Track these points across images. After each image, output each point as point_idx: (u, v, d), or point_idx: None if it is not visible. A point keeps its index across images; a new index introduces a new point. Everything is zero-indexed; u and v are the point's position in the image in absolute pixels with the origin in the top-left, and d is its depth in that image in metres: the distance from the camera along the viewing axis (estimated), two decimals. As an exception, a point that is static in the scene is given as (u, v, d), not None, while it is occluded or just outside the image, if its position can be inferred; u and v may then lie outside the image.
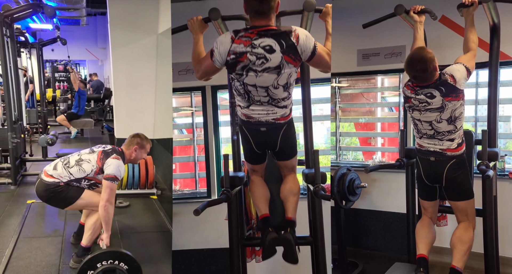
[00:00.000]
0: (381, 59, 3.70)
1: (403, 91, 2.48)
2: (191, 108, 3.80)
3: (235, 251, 2.52)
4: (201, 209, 2.10)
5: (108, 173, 2.88)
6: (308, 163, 2.48)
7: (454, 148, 2.43)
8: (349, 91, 4.21)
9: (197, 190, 3.84)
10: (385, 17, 2.77)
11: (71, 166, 2.97)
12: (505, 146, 3.72)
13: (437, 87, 2.32)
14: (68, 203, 2.97)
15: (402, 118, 3.82)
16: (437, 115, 2.36)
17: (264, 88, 2.14)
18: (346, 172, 3.45)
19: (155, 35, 5.91)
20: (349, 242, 3.72)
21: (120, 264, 2.54)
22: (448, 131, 2.39)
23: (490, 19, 2.51)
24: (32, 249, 3.40)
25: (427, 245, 2.59)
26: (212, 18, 2.25)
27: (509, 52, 3.13)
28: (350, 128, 4.36)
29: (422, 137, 2.49)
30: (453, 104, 2.33)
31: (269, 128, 2.25)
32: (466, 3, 2.42)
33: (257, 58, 2.08)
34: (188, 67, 3.47)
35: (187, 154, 3.87)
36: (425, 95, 2.35)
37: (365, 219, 3.98)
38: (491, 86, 2.63)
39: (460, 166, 2.46)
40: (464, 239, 2.52)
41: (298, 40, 2.07)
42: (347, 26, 3.68)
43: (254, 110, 2.22)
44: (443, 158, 2.44)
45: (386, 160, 4.10)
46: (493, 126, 2.64)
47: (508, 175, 3.30)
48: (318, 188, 2.29)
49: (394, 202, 3.68)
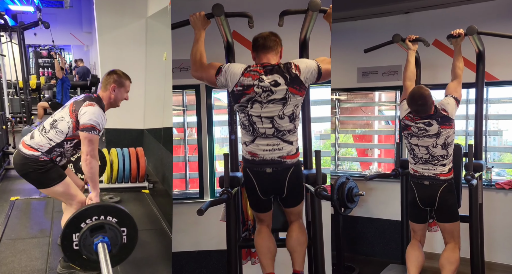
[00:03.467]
0: (379, 76, 3.98)
1: (402, 121, 2.74)
2: (182, 107, 3.61)
3: (233, 253, 2.41)
4: (204, 209, 2.00)
5: (83, 123, 2.51)
6: (307, 164, 2.41)
7: (446, 173, 2.67)
8: (349, 105, 4.45)
9: (188, 190, 3.66)
10: (384, 44, 3.08)
11: (48, 130, 2.62)
12: (500, 159, 3.90)
13: (434, 118, 2.61)
14: (44, 185, 2.64)
15: (398, 131, 4.04)
16: (434, 140, 2.63)
17: (269, 119, 2.13)
18: (345, 181, 3.61)
19: (144, 18, 5.53)
20: (347, 247, 3.87)
21: (107, 218, 2.24)
22: (442, 156, 2.64)
23: (475, 47, 2.81)
24: (16, 252, 3.12)
25: (418, 268, 2.79)
26: (215, 14, 2.17)
27: (495, 73, 3.43)
28: (346, 139, 4.56)
29: (417, 163, 2.72)
30: (447, 131, 2.61)
31: (275, 170, 2.17)
32: (454, 35, 2.73)
33: (263, 91, 2.11)
34: (182, 64, 3.28)
35: (177, 153, 3.66)
36: (424, 124, 2.63)
37: (362, 226, 4.15)
38: (478, 104, 2.91)
39: (451, 189, 2.69)
40: (451, 260, 2.72)
41: (299, 71, 2.13)
42: (348, 46, 3.98)
43: (259, 146, 2.17)
44: (437, 182, 2.67)
45: (383, 170, 4.30)
46: (479, 140, 2.89)
47: (495, 185, 3.54)
48: (320, 188, 2.17)
49: (389, 210, 3.87)
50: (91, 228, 2.20)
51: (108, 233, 2.25)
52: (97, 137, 2.54)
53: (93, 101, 2.59)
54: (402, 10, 3.75)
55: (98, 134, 2.54)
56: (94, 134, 2.51)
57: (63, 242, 2.25)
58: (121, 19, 5.52)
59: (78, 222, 2.21)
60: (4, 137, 5.46)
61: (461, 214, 2.88)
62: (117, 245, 2.27)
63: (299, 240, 2.32)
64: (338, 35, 3.78)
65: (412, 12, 3.74)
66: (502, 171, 3.82)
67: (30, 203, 4.22)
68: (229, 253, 2.42)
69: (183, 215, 3.30)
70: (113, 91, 2.66)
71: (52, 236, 3.46)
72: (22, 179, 2.67)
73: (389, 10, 3.79)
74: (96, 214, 2.25)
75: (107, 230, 2.24)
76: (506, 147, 3.86)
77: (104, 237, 2.24)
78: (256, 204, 2.34)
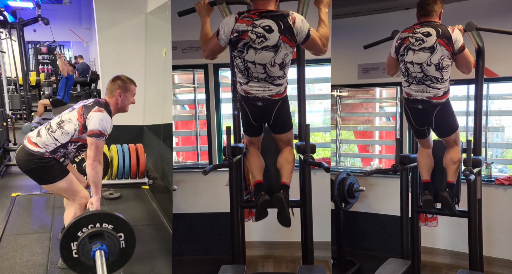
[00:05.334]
0: (379, 73, 3.97)
1: (399, 37, 2.72)
2: (193, 84, 3.85)
3: (235, 212, 2.80)
4: (208, 170, 2.39)
5: (91, 129, 2.58)
6: (301, 136, 2.74)
7: (440, 96, 2.66)
8: (350, 101, 4.47)
9: (199, 161, 3.95)
10: (384, 40, 3.08)
11: (54, 130, 2.66)
12: (502, 155, 3.92)
13: (435, 28, 2.61)
14: (47, 181, 2.68)
15: (399, 127, 4.07)
16: (428, 56, 2.60)
17: (262, 66, 2.37)
18: (346, 177, 3.67)
19: (144, 14, 5.54)
20: (348, 242, 3.90)
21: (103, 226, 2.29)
22: (436, 78, 2.63)
23: (475, 43, 2.81)
24: (17, 248, 3.17)
25: (428, 171, 2.98)
26: (217, 2, 2.48)
27: (495, 70, 3.43)
28: (348, 135, 4.60)
29: (411, 84, 2.71)
30: (442, 50, 2.59)
31: (265, 104, 2.46)
32: None
33: (257, 37, 2.32)
34: (192, 45, 3.55)
35: (189, 128, 3.98)
36: (422, 34, 2.62)
37: (363, 221, 4.17)
38: (477, 100, 2.91)
39: (446, 110, 2.71)
40: (454, 159, 2.86)
41: (294, 23, 2.32)
42: (349, 43, 3.97)
43: (252, 87, 2.43)
44: (430, 106, 2.67)
45: (384, 166, 4.32)
46: (478, 136, 2.90)
47: (494, 181, 3.55)
48: (307, 156, 2.57)
49: (389, 206, 3.88)
50: (90, 235, 2.26)
51: (107, 240, 2.30)
52: (103, 142, 2.61)
53: (101, 107, 2.66)
54: (402, 6, 3.75)
55: (104, 139, 2.61)
56: (101, 140, 2.59)
57: (62, 252, 2.30)
58: (121, 15, 5.53)
59: (75, 231, 2.26)
60: (4, 134, 5.48)
61: (460, 209, 2.92)
62: (115, 251, 2.33)
63: (287, 158, 2.66)
64: (339, 31, 3.78)
65: (412, 8, 3.67)
66: (505, 168, 3.82)
67: (31, 199, 4.25)
68: (232, 212, 2.81)
69: (195, 182, 3.70)
70: (119, 97, 2.75)
71: (53, 232, 3.51)
72: (23, 175, 2.71)
73: (390, 6, 3.79)
74: (92, 222, 2.30)
75: (105, 237, 2.30)
76: (508, 143, 3.86)
77: (102, 244, 2.30)
78: (249, 129, 2.67)
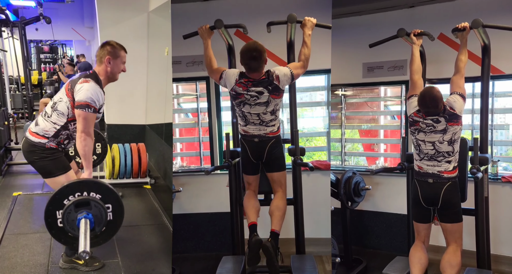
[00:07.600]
0: (384, 71, 3.97)
1: (410, 117, 2.76)
2: (195, 93, 4.10)
3: (234, 209, 3.16)
4: (210, 171, 2.87)
5: (77, 100, 2.45)
6: (292, 141, 3.10)
7: (450, 170, 2.68)
8: (354, 100, 4.47)
9: (202, 165, 4.19)
10: (389, 39, 3.07)
11: (50, 114, 2.60)
12: (507, 153, 3.89)
13: (443, 115, 2.64)
14: (49, 174, 2.61)
15: (404, 126, 4.06)
16: (440, 136, 2.65)
17: (256, 114, 2.83)
18: (352, 175, 3.66)
19: (146, 13, 5.49)
20: (354, 241, 3.91)
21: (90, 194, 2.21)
22: (447, 152, 2.66)
23: (481, 41, 2.80)
24: (18, 247, 3.16)
25: (421, 270, 2.73)
26: (217, 27, 2.90)
27: (501, 67, 3.42)
28: (353, 134, 4.60)
29: (422, 159, 2.73)
30: (454, 128, 2.64)
31: (260, 140, 2.87)
32: (459, 28, 2.73)
33: (251, 97, 2.79)
34: (194, 60, 3.90)
35: (192, 135, 4.24)
36: (432, 121, 2.66)
37: (369, 220, 4.18)
38: (483, 98, 2.91)
39: (455, 188, 2.70)
40: (453, 264, 2.69)
41: (279, 81, 2.77)
42: (354, 41, 3.98)
43: (250, 128, 2.88)
44: (440, 180, 2.68)
45: (389, 164, 4.32)
46: (484, 134, 2.89)
47: (501, 179, 3.55)
48: (297, 158, 2.99)
49: (395, 204, 3.89)
50: (76, 203, 2.15)
51: (93, 210, 2.21)
52: (93, 114, 2.47)
53: (88, 78, 2.52)
54: (406, 4, 3.74)
55: (94, 112, 2.47)
56: (89, 112, 2.45)
57: (47, 220, 2.21)
58: (123, 14, 5.49)
59: (61, 199, 2.16)
60: (6, 133, 5.46)
61: (467, 207, 2.90)
62: (102, 222, 2.24)
63: (278, 206, 2.89)
64: (343, 30, 3.79)
65: (417, 6, 3.73)
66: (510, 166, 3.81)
67: (33, 199, 4.25)
68: (231, 209, 3.18)
69: (198, 184, 3.99)
70: (109, 63, 2.59)
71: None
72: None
73: (394, 5, 3.78)
74: (79, 190, 2.19)
75: (92, 206, 2.20)
76: (513, 141, 3.85)
77: (88, 213, 2.21)
78: (248, 167, 2.98)
